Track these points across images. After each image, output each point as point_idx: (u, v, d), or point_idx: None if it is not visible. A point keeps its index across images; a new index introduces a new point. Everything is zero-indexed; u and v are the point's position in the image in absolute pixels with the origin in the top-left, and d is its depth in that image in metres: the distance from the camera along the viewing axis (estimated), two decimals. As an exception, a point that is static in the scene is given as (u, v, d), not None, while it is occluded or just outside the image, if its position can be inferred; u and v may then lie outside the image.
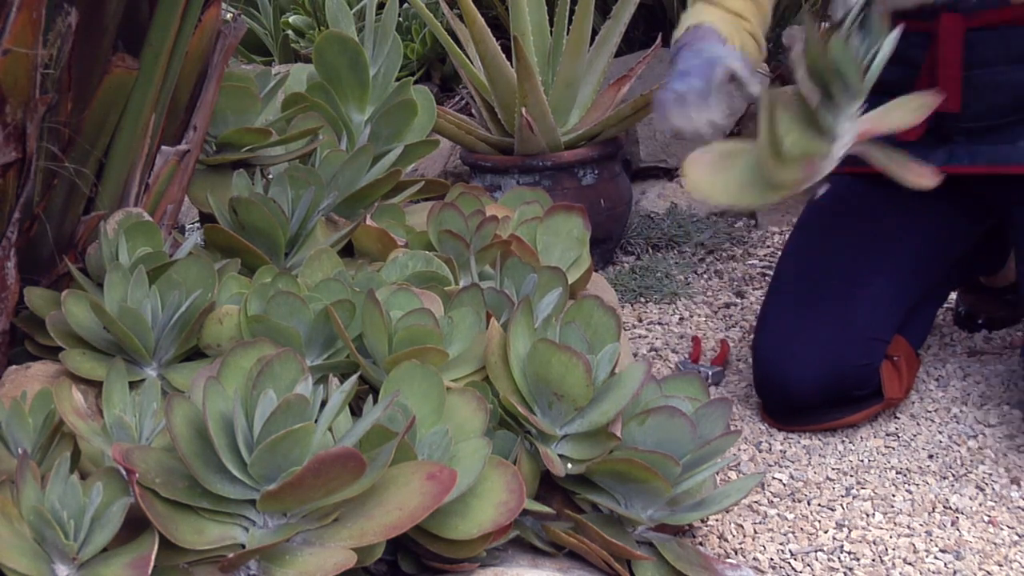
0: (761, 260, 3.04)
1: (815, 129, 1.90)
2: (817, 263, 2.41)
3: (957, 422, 2.36)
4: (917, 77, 2.34)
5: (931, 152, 2.36)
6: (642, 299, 2.88)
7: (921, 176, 1.95)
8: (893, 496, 2.13)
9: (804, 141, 1.90)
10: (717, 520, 2.04)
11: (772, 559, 1.95)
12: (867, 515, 2.07)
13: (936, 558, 1.94)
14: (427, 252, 2.03)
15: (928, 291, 2.47)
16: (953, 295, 2.72)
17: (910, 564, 1.93)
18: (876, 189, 2.43)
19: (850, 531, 2.02)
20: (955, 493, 2.13)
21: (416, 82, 2.54)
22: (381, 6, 2.33)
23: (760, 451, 2.31)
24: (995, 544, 1.98)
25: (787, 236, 3.05)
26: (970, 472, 2.19)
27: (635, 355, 2.64)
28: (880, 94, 2.42)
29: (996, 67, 2.29)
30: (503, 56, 2.89)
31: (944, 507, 2.09)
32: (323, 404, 1.60)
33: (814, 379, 2.32)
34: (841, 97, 1.87)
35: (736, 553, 1.97)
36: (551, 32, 2.96)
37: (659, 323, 2.80)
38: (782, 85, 2.47)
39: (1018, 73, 2.29)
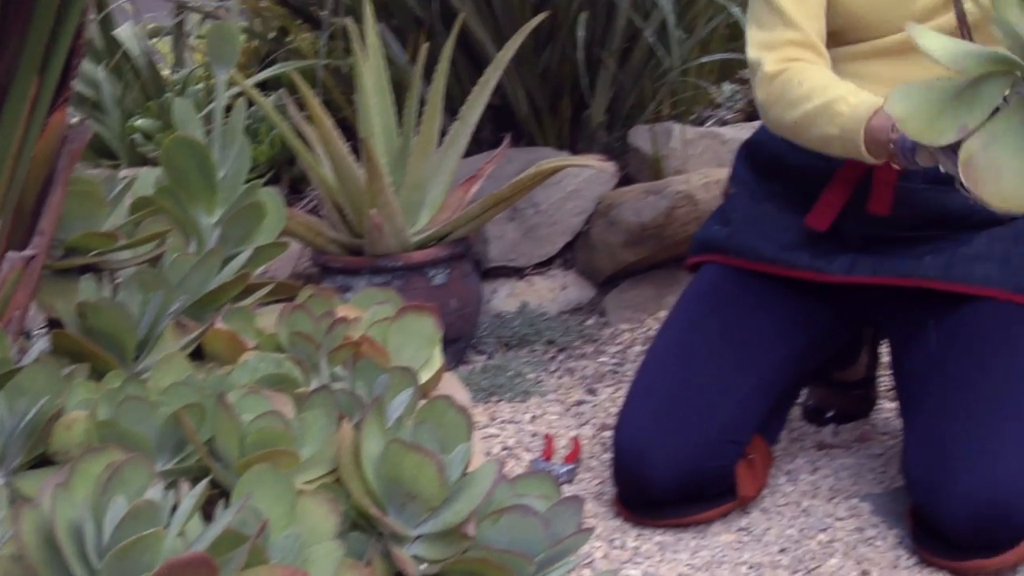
0: (612, 357, 3.07)
1: None
2: (684, 361, 2.43)
3: (807, 516, 2.39)
4: (835, 171, 2.38)
5: (833, 259, 2.39)
6: (494, 398, 2.90)
7: None
8: (745, 590, 2.15)
9: None
10: (572, 618, 2.05)
11: (627, 655, 1.96)
12: (720, 609, 2.09)
13: (788, 650, 1.97)
14: (278, 354, 2.03)
15: (788, 390, 2.51)
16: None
17: (763, 657, 1.95)
18: (749, 286, 2.47)
19: (703, 625, 2.04)
20: (806, 585, 2.16)
21: (265, 184, 2.55)
22: (229, 109, 2.34)
23: (613, 547, 2.32)
24: (845, 635, 2.01)
25: (637, 334, 3.09)
26: (821, 565, 2.22)
27: (488, 454, 2.65)
28: (791, 180, 2.47)
29: (916, 183, 2.34)
30: (352, 157, 2.91)
31: (795, 599, 2.12)
32: (174, 509, 1.59)
33: (673, 477, 2.34)
34: None
35: (591, 650, 1.98)
36: (399, 133, 2.99)
37: (511, 422, 2.81)
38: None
39: (932, 193, 2.34)
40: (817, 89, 2.24)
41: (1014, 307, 2.33)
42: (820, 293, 2.44)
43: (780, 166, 2.47)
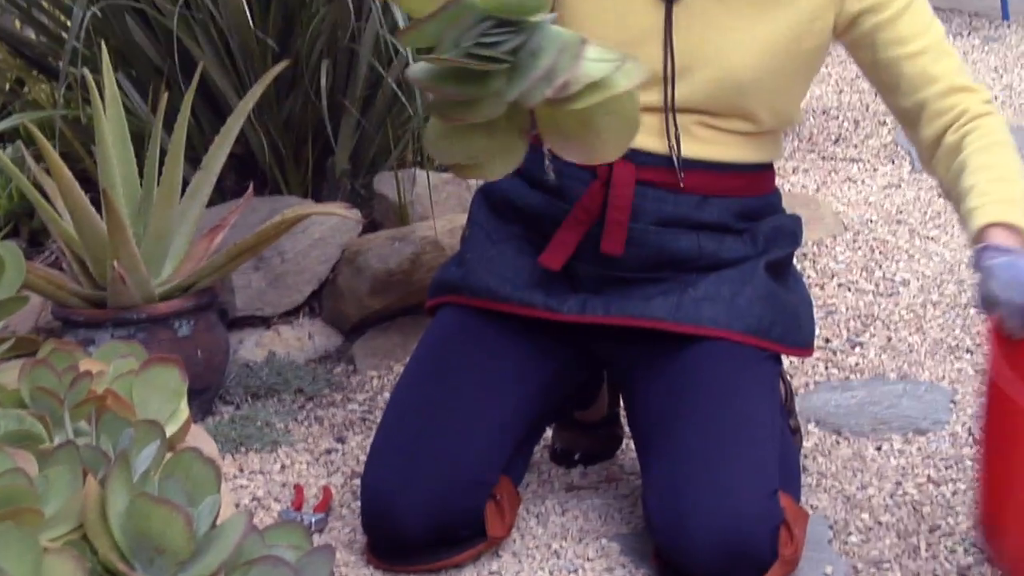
0: (361, 405, 3.08)
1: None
2: (426, 403, 2.44)
3: (558, 557, 2.43)
4: (568, 211, 2.41)
5: (566, 299, 2.43)
6: (243, 448, 2.89)
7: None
8: (497, 631, 2.18)
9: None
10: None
11: None
12: (472, 651, 2.11)
13: None
14: (20, 410, 2.00)
15: (531, 430, 2.54)
16: (549, 431, 2.80)
17: None
18: (486, 326, 2.49)
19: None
20: (556, 624, 2.19)
21: (3, 238, 2.51)
22: (-36, 161, 2.30)
23: (366, 595, 2.34)
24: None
25: (386, 380, 3.11)
26: (571, 605, 2.26)
27: (237, 505, 2.64)
28: (527, 221, 2.49)
29: (648, 224, 2.39)
30: (93, 209, 2.88)
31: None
32: (-87, 572, 1.55)
33: (422, 521, 2.35)
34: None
35: None
36: (141, 184, 2.96)
37: (261, 472, 2.80)
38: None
39: (663, 236, 2.39)
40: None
41: (742, 348, 2.40)
42: (556, 333, 2.48)
43: (516, 207, 2.51)
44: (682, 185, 2.39)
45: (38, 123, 3.24)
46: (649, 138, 2.36)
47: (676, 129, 2.39)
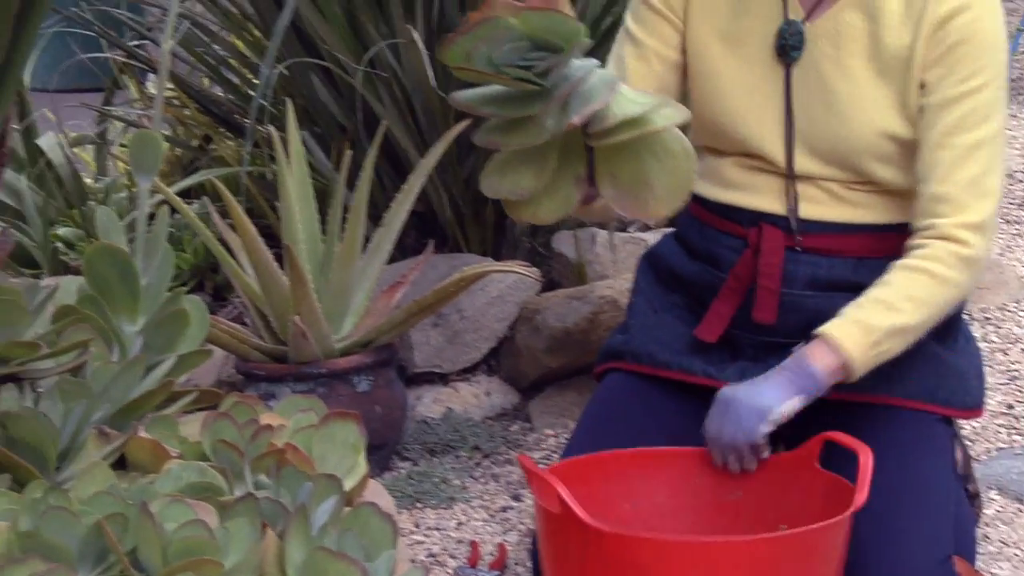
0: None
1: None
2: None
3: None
4: (724, 280, 2.41)
5: (726, 367, 2.42)
6: (419, 504, 2.90)
7: None
8: None
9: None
10: None
11: None
12: None
13: None
14: (201, 463, 2.03)
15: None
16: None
17: None
18: (651, 390, 2.48)
19: None
20: None
21: (189, 292, 2.55)
22: (152, 217, 2.35)
23: (540, 654, 2.32)
24: None
25: (562, 439, 3.10)
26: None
27: (413, 561, 2.64)
28: (687, 291, 2.49)
29: (803, 290, 2.37)
30: (276, 264, 2.92)
31: None
32: (96, 620, 1.58)
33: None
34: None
35: None
36: (323, 240, 3.00)
37: (437, 528, 2.81)
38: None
39: (819, 301, 2.37)
40: None
41: (908, 412, 2.36)
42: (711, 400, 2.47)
43: (676, 275, 2.51)
44: (799, 248, 2.37)
45: (224, 179, 3.30)
46: (777, 202, 2.37)
47: (795, 192, 2.37)
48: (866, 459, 2.14)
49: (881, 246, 2.37)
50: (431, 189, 3.28)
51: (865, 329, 2.24)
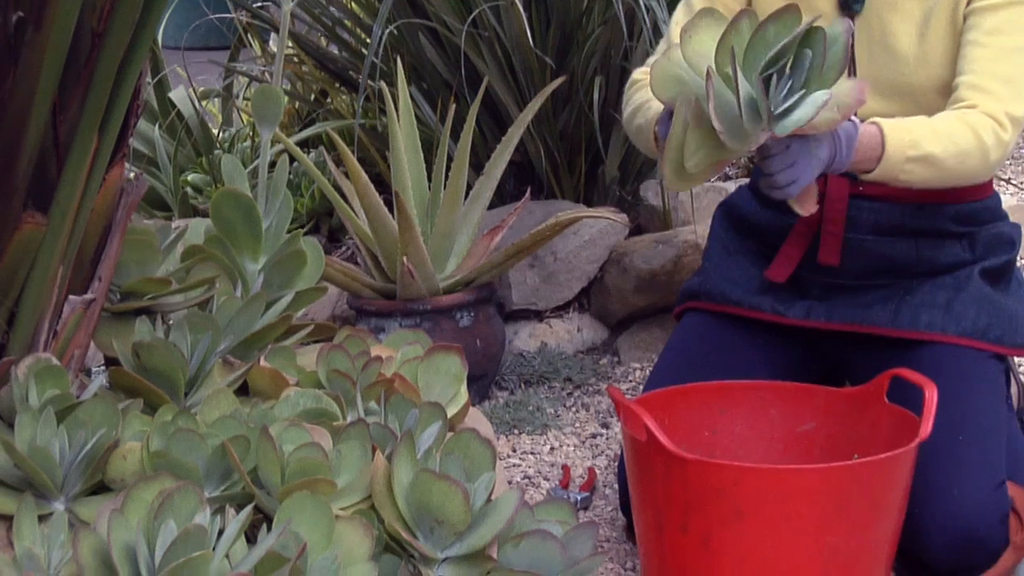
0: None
1: (721, 148, 1.95)
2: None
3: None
4: (792, 225, 2.39)
5: (792, 304, 2.40)
6: (516, 431, 2.90)
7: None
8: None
9: (709, 158, 1.95)
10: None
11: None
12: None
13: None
14: (317, 390, 2.04)
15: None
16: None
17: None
18: (730, 330, 2.47)
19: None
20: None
21: (306, 234, 2.55)
22: (273, 165, 2.35)
23: (625, 570, 2.32)
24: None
25: (647, 371, 3.09)
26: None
27: (510, 483, 2.64)
28: (759, 237, 2.47)
29: (866, 235, 2.35)
30: (385, 209, 2.92)
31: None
32: (220, 533, 1.59)
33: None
34: (749, 125, 1.93)
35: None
36: (429, 187, 2.99)
37: (532, 453, 2.81)
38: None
39: (881, 245, 2.34)
40: None
41: (960, 349, 2.33)
42: (786, 335, 2.44)
43: (749, 223, 2.49)
44: (863, 195, 2.33)
45: (339, 131, 3.30)
46: None
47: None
48: (931, 394, 2.10)
49: (940, 192, 2.33)
50: (528, 140, 3.26)
51: (907, 125, 2.18)
